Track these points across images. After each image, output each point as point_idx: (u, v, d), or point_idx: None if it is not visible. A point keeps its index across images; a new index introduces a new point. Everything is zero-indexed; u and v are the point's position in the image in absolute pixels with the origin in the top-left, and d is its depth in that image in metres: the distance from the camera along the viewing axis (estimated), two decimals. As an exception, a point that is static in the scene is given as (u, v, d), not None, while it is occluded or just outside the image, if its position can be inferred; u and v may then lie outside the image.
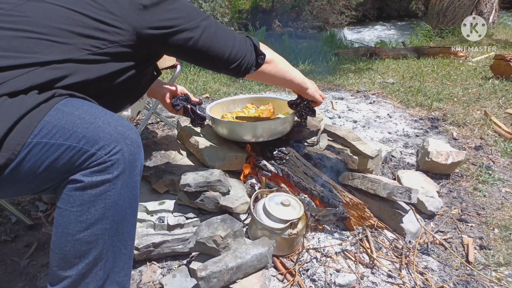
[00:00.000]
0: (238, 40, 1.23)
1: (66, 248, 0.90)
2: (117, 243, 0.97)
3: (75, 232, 0.89)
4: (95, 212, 0.90)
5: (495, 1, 6.81)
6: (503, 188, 1.96)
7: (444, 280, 1.38)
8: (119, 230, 0.96)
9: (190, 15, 1.13)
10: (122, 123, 0.94)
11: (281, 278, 1.35)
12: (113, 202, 0.91)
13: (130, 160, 0.92)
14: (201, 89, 3.62)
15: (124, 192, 0.93)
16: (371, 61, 5.06)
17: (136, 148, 0.95)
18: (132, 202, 0.97)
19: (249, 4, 11.83)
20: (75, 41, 0.97)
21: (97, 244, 0.92)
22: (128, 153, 0.92)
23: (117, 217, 0.93)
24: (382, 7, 13.19)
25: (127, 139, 0.92)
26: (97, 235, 0.91)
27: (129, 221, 0.98)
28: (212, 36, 1.16)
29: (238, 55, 1.22)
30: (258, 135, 1.67)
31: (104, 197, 0.90)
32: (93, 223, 0.90)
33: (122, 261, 1.00)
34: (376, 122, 2.80)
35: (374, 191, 1.62)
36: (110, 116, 0.94)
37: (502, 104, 3.08)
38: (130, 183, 0.94)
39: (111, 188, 0.90)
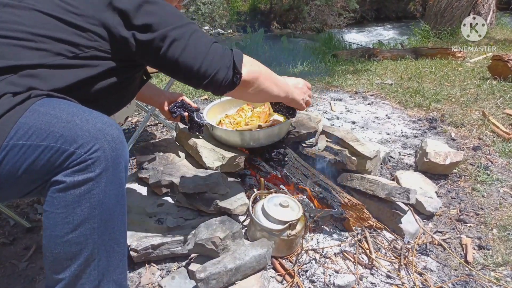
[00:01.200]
0: (212, 54, 1.08)
1: (56, 250, 0.90)
2: (109, 242, 0.96)
3: (63, 234, 0.88)
4: (81, 212, 0.88)
5: (492, 2, 6.84)
6: (502, 188, 1.96)
7: (443, 280, 1.38)
8: (108, 229, 0.95)
9: (164, 22, 1.04)
10: (101, 120, 0.92)
11: (280, 279, 1.35)
12: (99, 201, 0.90)
13: (112, 157, 0.90)
14: (200, 91, 3.62)
15: (109, 190, 0.92)
16: (369, 62, 5.06)
17: (118, 144, 0.92)
18: (119, 200, 0.96)
19: (248, 6, 11.86)
20: (50, 46, 0.96)
21: (87, 245, 0.91)
22: (109, 150, 0.90)
23: (104, 216, 0.92)
24: (380, 8, 13.24)
25: (107, 136, 0.90)
26: (85, 235, 0.90)
27: (118, 218, 0.97)
28: (182, 47, 1.05)
29: (209, 71, 1.07)
30: (256, 141, 1.68)
31: (89, 196, 0.88)
32: (80, 224, 0.89)
33: (116, 259, 0.99)
34: (375, 123, 2.80)
35: (373, 191, 1.62)
36: (88, 113, 0.92)
37: (500, 105, 3.08)
38: (115, 180, 0.93)
39: (94, 186, 0.89)
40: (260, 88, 1.21)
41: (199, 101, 3.37)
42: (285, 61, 5.10)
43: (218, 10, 10.26)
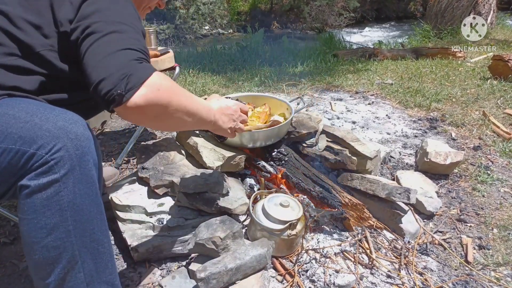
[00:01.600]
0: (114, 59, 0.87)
1: (35, 256, 0.88)
2: (91, 244, 0.93)
3: (39, 240, 0.86)
4: (52, 215, 0.85)
5: (493, 2, 6.83)
6: (502, 188, 1.96)
7: (443, 280, 1.38)
8: (87, 230, 0.92)
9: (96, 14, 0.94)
10: (64, 117, 0.88)
11: (280, 279, 1.35)
12: (69, 202, 0.86)
13: (77, 155, 0.86)
14: (200, 90, 3.62)
15: (79, 190, 0.88)
16: (369, 62, 5.06)
17: (84, 141, 0.88)
18: (93, 199, 0.92)
19: (248, 6, 11.86)
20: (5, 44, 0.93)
21: (65, 248, 0.88)
22: (73, 149, 0.85)
23: (79, 217, 0.89)
24: (380, 8, 13.24)
25: (70, 134, 0.86)
26: (61, 238, 0.87)
27: (96, 218, 0.93)
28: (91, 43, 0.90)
29: (95, 77, 0.86)
30: (255, 141, 1.68)
31: (57, 198, 0.85)
32: (53, 228, 0.86)
33: (103, 260, 0.97)
34: (375, 123, 2.80)
35: (373, 191, 1.62)
36: (50, 111, 0.88)
37: (500, 105, 3.08)
38: (85, 180, 0.89)
39: (62, 188, 0.85)
40: (162, 118, 0.94)
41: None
42: (285, 61, 5.09)
43: (218, 10, 10.26)
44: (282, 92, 3.62)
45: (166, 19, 9.13)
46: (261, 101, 2.01)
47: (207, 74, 4.40)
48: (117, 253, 1.50)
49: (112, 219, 1.66)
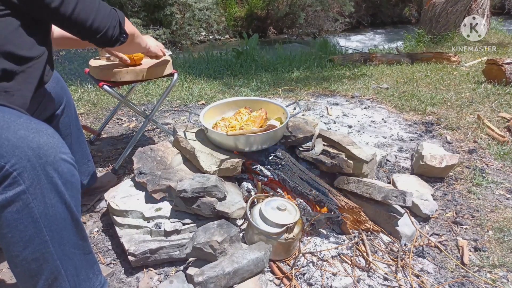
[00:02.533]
0: (102, 12, 1.14)
1: (17, 269, 0.87)
2: (70, 250, 0.93)
3: (17, 253, 0.85)
4: (25, 228, 0.84)
5: (486, 7, 6.90)
6: (497, 190, 1.98)
7: (439, 282, 1.39)
8: (64, 237, 0.91)
9: None
10: (27, 126, 0.86)
11: (278, 282, 1.35)
12: (41, 213, 0.85)
13: (41, 164, 0.84)
14: (197, 95, 3.63)
15: (50, 200, 0.86)
16: (365, 67, 5.10)
17: (48, 150, 0.86)
18: (67, 207, 0.90)
19: (244, 11, 11.91)
20: None
21: (46, 259, 0.88)
22: (35, 158, 0.83)
23: (54, 226, 0.88)
24: (375, 13, 13.35)
25: (31, 143, 0.84)
26: (39, 249, 0.86)
27: (72, 225, 0.93)
28: (74, 4, 1.04)
29: (101, 27, 1.15)
30: (250, 145, 1.69)
31: (28, 210, 0.83)
32: (29, 240, 0.85)
33: (86, 264, 0.98)
34: (371, 127, 2.82)
35: (370, 194, 1.63)
36: (14, 119, 0.86)
37: (494, 108, 3.11)
38: (54, 189, 0.87)
39: (31, 199, 0.83)
40: (133, 43, 1.39)
41: (196, 106, 3.38)
42: (281, 66, 5.12)
43: (214, 16, 10.30)
44: (279, 97, 3.63)
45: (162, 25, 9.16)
46: (258, 106, 2.02)
47: (203, 80, 4.41)
48: (115, 258, 1.50)
49: (110, 224, 1.66)
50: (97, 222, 1.73)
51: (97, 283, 1.05)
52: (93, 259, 1.06)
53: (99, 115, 3.15)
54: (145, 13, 9.01)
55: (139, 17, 8.67)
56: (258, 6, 11.99)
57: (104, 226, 1.70)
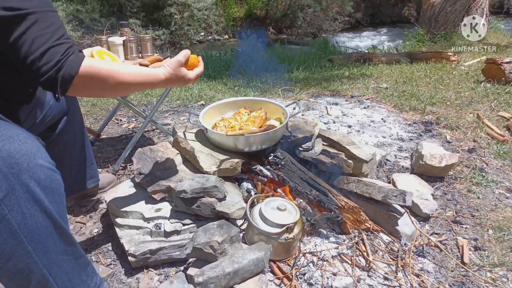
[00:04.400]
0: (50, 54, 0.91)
1: (3, 280, 0.86)
2: (58, 257, 0.91)
3: (1, 266, 0.83)
4: (4, 241, 0.81)
5: (485, 6, 6.90)
6: (497, 189, 1.98)
7: (439, 281, 1.39)
8: (49, 246, 0.88)
9: None
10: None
11: (278, 282, 1.35)
12: (19, 224, 0.82)
13: (14, 174, 0.80)
14: (197, 96, 3.63)
15: (28, 209, 0.83)
16: (364, 67, 5.10)
17: (20, 158, 0.81)
18: (48, 215, 0.87)
19: (243, 12, 11.91)
20: None
21: (31, 269, 0.86)
22: (7, 168, 0.79)
23: (35, 236, 0.85)
24: (375, 13, 13.34)
25: (1, 152, 0.79)
26: (23, 261, 0.84)
27: (55, 232, 0.89)
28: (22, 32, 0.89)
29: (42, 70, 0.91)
30: (250, 145, 1.69)
31: (5, 223, 0.80)
32: (10, 252, 0.82)
33: (75, 266, 0.97)
34: (371, 127, 2.82)
35: (369, 194, 1.63)
36: None
37: (494, 107, 3.11)
38: (31, 198, 0.83)
39: (6, 211, 0.80)
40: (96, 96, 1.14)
41: (195, 106, 3.38)
42: (281, 66, 5.12)
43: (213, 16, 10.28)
44: (278, 97, 3.63)
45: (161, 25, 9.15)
46: (257, 106, 2.02)
47: (203, 80, 4.41)
48: (115, 258, 1.50)
49: (110, 225, 1.66)
50: (97, 223, 1.73)
51: (92, 285, 1.05)
52: (86, 261, 1.04)
53: (99, 115, 3.15)
54: (144, 14, 9.00)
55: (138, 18, 8.66)
56: (257, 6, 11.98)
57: (104, 227, 1.69)
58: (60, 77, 0.92)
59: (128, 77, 1.07)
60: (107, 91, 1.12)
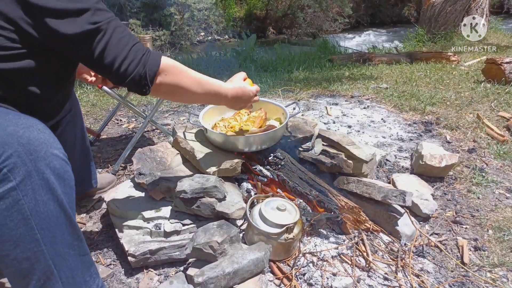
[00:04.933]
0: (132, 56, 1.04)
1: (8, 270, 0.86)
2: (64, 250, 0.91)
3: (8, 252, 0.84)
4: (15, 226, 0.82)
5: (485, 6, 6.91)
6: (497, 190, 1.98)
7: (439, 281, 1.39)
8: (57, 237, 0.89)
9: None
10: (16, 122, 0.85)
11: (278, 282, 1.35)
12: (32, 210, 0.84)
13: (32, 160, 0.83)
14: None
15: (41, 196, 0.85)
16: (364, 67, 5.10)
17: (38, 146, 0.85)
18: (59, 204, 0.89)
19: (243, 12, 11.91)
20: None
21: (37, 258, 0.86)
22: (25, 154, 0.82)
23: (45, 224, 0.86)
24: (375, 13, 13.35)
25: (21, 138, 0.83)
26: (30, 248, 0.85)
27: (64, 223, 0.91)
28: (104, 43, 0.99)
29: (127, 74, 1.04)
30: (250, 145, 1.69)
31: (18, 207, 0.82)
32: (20, 238, 0.83)
33: (79, 263, 0.97)
34: (371, 127, 2.82)
35: (369, 194, 1.63)
36: (1, 117, 0.85)
37: (494, 107, 3.11)
38: (45, 185, 0.86)
39: (21, 196, 0.82)
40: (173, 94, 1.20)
41: (195, 106, 3.38)
42: (281, 66, 5.12)
43: (213, 17, 10.30)
44: (278, 97, 3.63)
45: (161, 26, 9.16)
46: (257, 106, 2.01)
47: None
48: (115, 259, 1.50)
49: (110, 225, 1.66)
50: (97, 223, 1.73)
51: (94, 286, 1.05)
52: (90, 261, 1.04)
53: (99, 116, 3.15)
54: (144, 14, 9.01)
55: (138, 18, 8.67)
56: (257, 6, 11.99)
57: (104, 227, 1.69)
58: (147, 70, 1.05)
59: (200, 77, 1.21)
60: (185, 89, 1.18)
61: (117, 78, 1.05)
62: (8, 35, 0.90)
